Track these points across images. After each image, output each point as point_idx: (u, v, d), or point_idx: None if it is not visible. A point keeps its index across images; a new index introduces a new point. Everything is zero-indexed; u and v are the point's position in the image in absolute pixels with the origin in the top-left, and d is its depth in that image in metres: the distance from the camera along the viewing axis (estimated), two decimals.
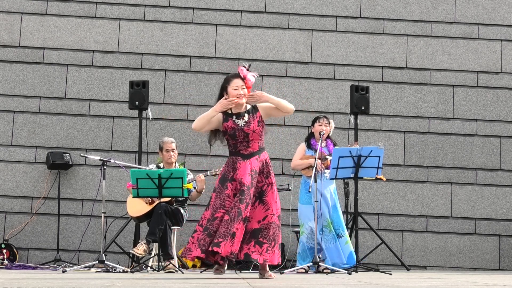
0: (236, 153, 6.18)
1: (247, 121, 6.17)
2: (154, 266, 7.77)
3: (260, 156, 6.18)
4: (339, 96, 10.03)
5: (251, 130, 6.14)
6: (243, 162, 6.12)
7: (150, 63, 9.97)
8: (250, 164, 6.11)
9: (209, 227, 5.99)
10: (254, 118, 6.19)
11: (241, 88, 6.18)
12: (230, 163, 6.18)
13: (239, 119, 6.19)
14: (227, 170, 6.17)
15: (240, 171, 6.10)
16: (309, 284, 5.29)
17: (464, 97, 10.18)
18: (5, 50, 9.88)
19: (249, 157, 6.14)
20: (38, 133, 9.76)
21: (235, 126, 6.16)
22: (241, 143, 6.16)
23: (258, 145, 6.19)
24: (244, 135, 6.14)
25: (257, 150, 6.18)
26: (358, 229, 8.40)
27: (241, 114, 6.21)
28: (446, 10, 10.31)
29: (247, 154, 6.15)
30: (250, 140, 6.15)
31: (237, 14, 10.13)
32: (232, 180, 6.11)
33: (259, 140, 6.19)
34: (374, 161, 7.62)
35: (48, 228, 9.59)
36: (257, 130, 6.16)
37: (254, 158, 6.14)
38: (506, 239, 9.97)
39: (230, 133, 6.17)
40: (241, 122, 6.18)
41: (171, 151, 8.25)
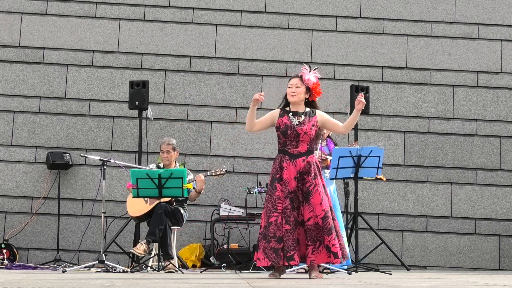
0: (284, 152, 6.22)
1: (301, 121, 6.23)
2: (154, 266, 7.77)
3: (307, 157, 6.20)
4: (339, 96, 10.03)
5: (303, 131, 6.19)
6: (289, 162, 6.17)
7: (150, 63, 9.97)
8: (296, 165, 6.15)
9: (267, 234, 6.06)
10: (309, 120, 6.26)
11: (295, 86, 6.31)
12: (278, 161, 6.23)
13: (295, 117, 6.23)
14: (275, 169, 6.22)
15: (286, 172, 6.15)
16: (309, 284, 5.29)
17: (464, 97, 10.18)
18: (5, 50, 9.88)
19: (296, 157, 6.18)
20: (38, 133, 9.76)
21: (289, 123, 6.23)
22: (291, 142, 6.21)
23: (307, 147, 6.23)
24: (295, 134, 6.19)
25: (305, 152, 6.21)
26: (358, 229, 8.40)
27: (298, 113, 6.29)
28: (446, 10, 10.31)
29: (294, 154, 6.18)
30: (300, 140, 6.20)
31: (237, 14, 10.13)
32: (280, 180, 6.15)
33: (309, 142, 6.23)
34: (374, 161, 7.62)
35: (48, 228, 9.59)
36: (309, 133, 6.21)
37: (300, 159, 6.17)
38: (506, 239, 9.97)
39: (282, 129, 6.22)
40: (295, 120, 6.22)
41: (166, 152, 8.24)
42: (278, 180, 6.16)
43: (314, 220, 6.08)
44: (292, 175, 6.14)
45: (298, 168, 6.15)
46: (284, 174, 6.15)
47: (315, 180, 6.17)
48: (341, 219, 8.14)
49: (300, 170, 6.15)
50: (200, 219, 9.60)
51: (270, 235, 6.05)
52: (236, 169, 9.77)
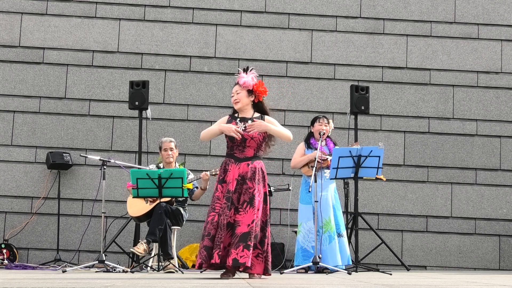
0: (230, 155, 6.26)
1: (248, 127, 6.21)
2: (154, 266, 7.76)
3: (253, 162, 6.19)
4: (339, 96, 10.03)
5: (249, 136, 6.18)
6: (234, 165, 6.19)
7: (150, 63, 9.98)
8: (239, 168, 6.15)
9: (204, 234, 6.09)
10: None
11: (236, 93, 6.33)
12: (223, 164, 6.27)
13: (242, 123, 6.23)
14: (220, 172, 6.26)
15: (230, 174, 6.17)
16: (309, 284, 5.29)
17: (464, 97, 10.18)
18: (5, 50, 9.88)
19: (241, 161, 6.19)
20: (38, 133, 9.76)
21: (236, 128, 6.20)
22: (237, 147, 6.23)
23: (254, 152, 6.22)
24: (242, 139, 6.19)
25: (251, 156, 6.21)
26: (358, 229, 8.40)
27: (246, 119, 6.29)
28: (446, 10, 10.31)
29: (240, 158, 6.20)
30: (246, 145, 6.21)
31: (237, 14, 10.13)
32: (222, 182, 6.19)
33: (255, 148, 6.22)
34: (374, 161, 7.62)
35: (48, 228, 9.59)
36: (256, 139, 6.21)
37: (245, 163, 6.17)
38: (506, 239, 9.97)
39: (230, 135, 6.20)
40: (242, 126, 6.22)
41: (169, 150, 8.26)
42: (220, 181, 6.20)
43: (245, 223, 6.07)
44: (234, 176, 6.15)
45: (241, 171, 6.15)
46: (227, 176, 6.17)
47: (258, 185, 6.15)
48: (341, 219, 8.14)
49: (242, 173, 6.15)
50: (200, 219, 9.59)
51: (205, 233, 6.07)
52: None
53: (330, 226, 7.98)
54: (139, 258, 8.37)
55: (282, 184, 9.38)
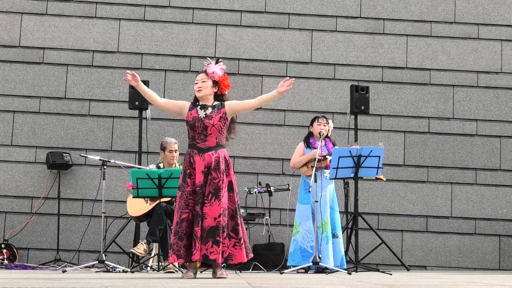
0: (193, 146, 6.21)
1: (208, 114, 6.21)
2: (154, 266, 7.77)
3: (216, 152, 6.17)
4: (339, 96, 10.03)
5: (210, 123, 6.17)
6: (197, 157, 6.15)
7: (150, 63, 9.98)
8: (204, 160, 6.13)
9: (179, 231, 6.04)
10: (217, 113, 6.24)
11: (201, 81, 6.32)
12: (188, 156, 6.21)
13: (202, 110, 6.22)
14: (185, 164, 6.20)
15: (196, 166, 6.13)
16: (309, 284, 5.29)
17: (464, 97, 10.18)
18: (5, 50, 9.88)
19: (204, 152, 6.15)
20: (38, 133, 9.76)
21: (197, 116, 6.20)
22: (199, 136, 6.19)
23: (216, 140, 6.20)
24: (203, 127, 6.18)
25: (214, 146, 6.19)
26: (358, 229, 8.40)
27: (206, 107, 6.27)
28: (446, 10, 10.31)
29: (203, 148, 6.16)
30: (208, 133, 6.18)
31: (237, 14, 10.13)
32: (190, 175, 6.14)
33: (217, 135, 6.20)
34: (374, 161, 7.62)
35: (48, 228, 9.59)
36: (217, 125, 6.19)
37: (209, 154, 6.15)
38: (506, 239, 9.97)
39: (191, 123, 6.21)
40: (202, 113, 6.21)
41: (174, 151, 8.26)
42: (188, 175, 6.14)
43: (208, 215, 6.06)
44: (200, 169, 6.12)
45: (206, 162, 6.13)
46: (194, 168, 6.13)
47: (223, 175, 6.13)
48: (338, 219, 8.13)
49: (208, 164, 6.12)
50: None
51: (183, 232, 6.02)
52: (236, 169, 9.76)
53: (328, 227, 7.98)
54: (139, 258, 8.37)
55: (282, 184, 9.38)
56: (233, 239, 6.12)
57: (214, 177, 6.11)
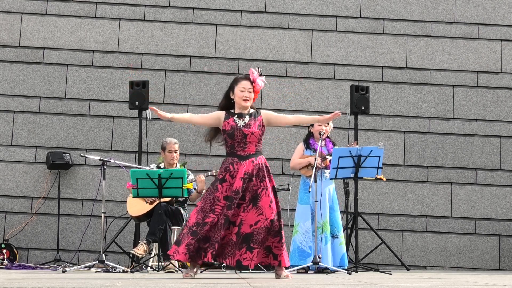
0: (232, 154, 6.15)
1: (247, 123, 6.18)
2: (154, 266, 7.77)
3: (256, 159, 6.15)
4: (339, 96, 10.03)
5: (250, 131, 6.14)
6: (238, 163, 6.11)
7: (150, 63, 9.98)
8: (245, 166, 6.10)
9: (199, 233, 5.97)
10: (255, 121, 6.20)
11: (248, 90, 6.22)
12: (225, 164, 6.16)
13: (240, 119, 6.19)
14: (221, 171, 6.16)
15: (234, 173, 6.08)
16: (309, 284, 5.29)
17: (464, 97, 10.18)
18: (5, 50, 9.88)
19: (245, 159, 6.12)
20: (38, 133, 9.76)
21: (235, 125, 6.16)
22: (239, 144, 6.14)
23: (255, 148, 6.18)
24: (242, 135, 6.14)
25: (254, 153, 6.16)
26: (358, 229, 8.40)
27: (243, 115, 6.22)
28: (446, 10, 10.31)
29: (243, 156, 6.13)
30: (247, 141, 6.14)
31: (237, 14, 10.13)
32: (223, 181, 6.08)
33: (256, 143, 6.18)
34: (374, 161, 7.62)
35: (48, 228, 9.59)
36: (256, 133, 6.15)
37: (249, 161, 6.12)
38: (506, 239, 9.97)
39: (229, 132, 6.15)
40: (240, 122, 6.18)
41: (174, 152, 8.25)
42: (220, 181, 6.10)
43: (263, 223, 6.01)
44: (239, 175, 6.08)
45: (247, 169, 6.10)
46: (233, 174, 6.09)
47: (263, 183, 6.10)
48: (339, 219, 8.12)
49: (248, 171, 6.09)
50: None
51: (202, 235, 5.95)
52: None
53: (327, 227, 7.97)
54: (139, 258, 8.36)
55: (282, 184, 9.37)
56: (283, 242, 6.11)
57: (255, 184, 6.09)
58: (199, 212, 6.04)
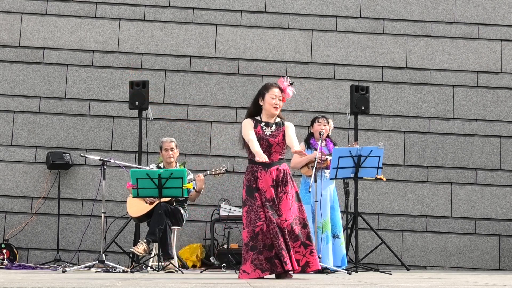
0: (256, 162, 6.13)
1: (272, 132, 6.21)
2: (154, 266, 7.76)
3: (280, 166, 6.20)
4: (339, 96, 10.03)
5: (275, 142, 6.19)
6: (263, 172, 6.15)
7: (150, 63, 9.98)
8: (270, 174, 6.15)
9: (257, 245, 6.01)
10: (279, 131, 6.24)
11: (278, 98, 6.26)
12: (250, 172, 6.20)
13: (267, 128, 6.22)
14: (249, 180, 6.19)
15: (262, 182, 6.13)
16: (309, 284, 5.29)
17: (464, 97, 10.18)
18: (5, 50, 9.88)
19: (269, 167, 6.16)
20: (38, 133, 9.76)
21: (261, 133, 6.19)
22: (263, 152, 6.13)
23: (279, 156, 6.24)
24: (267, 144, 6.18)
25: (277, 161, 6.22)
26: (358, 229, 8.40)
27: (270, 124, 6.26)
28: (446, 10, 10.31)
29: (267, 163, 6.14)
30: (272, 151, 6.19)
31: (237, 14, 10.13)
32: (257, 190, 6.12)
33: (280, 152, 6.24)
34: (374, 161, 7.62)
35: (48, 228, 9.59)
36: (281, 144, 6.21)
37: (274, 168, 6.17)
38: (506, 239, 9.97)
39: None
40: (268, 131, 6.20)
41: (170, 150, 8.25)
42: (255, 190, 6.13)
43: (282, 225, 6.06)
44: (268, 183, 6.13)
45: (273, 176, 6.15)
46: (260, 183, 6.13)
47: (285, 187, 6.15)
48: (339, 219, 8.12)
49: (275, 178, 6.15)
50: (200, 219, 9.60)
51: (260, 245, 6.00)
52: (236, 169, 9.77)
53: (328, 227, 7.97)
54: (139, 258, 8.37)
55: None
56: (309, 246, 6.13)
57: (282, 190, 6.14)
58: (248, 226, 6.08)
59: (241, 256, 6.11)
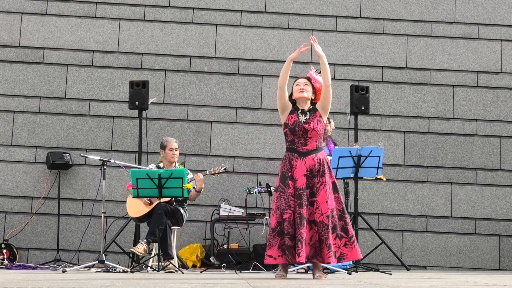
0: (292, 150, 6.19)
1: (308, 119, 6.21)
2: (154, 266, 7.76)
3: (317, 155, 6.18)
4: (339, 96, 10.03)
5: (311, 127, 6.17)
6: (299, 160, 6.14)
7: (150, 63, 9.98)
8: (305, 163, 6.13)
9: (284, 231, 6.00)
10: (314, 116, 6.25)
11: (303, 84, 6.37)
12: (287, 159, 6.20)
13: (302, 115, 6.23)
14: (284, 167, 6.18)
15: (297, 170, 6.12)
16: (309, 284, 5.29)
17: (464, 97, 10.18)
18: (5, 50, 9.88)
19: (305, 155, 6.15)
20: (38, 133, 9.76)
21: (297, 119, 6.21)
22: (299, 140, 6.18)
23: (316, 144, 6.21)
24: (303, 131, 6.17)
25: (314, 149, 6.19)
26: (358, 229, 8.40)
27: (304, 111, 6.28)
28: (446, 10, 10.31)
29: (303, 152, 6.16)
30: (308, 137, 6.18)
31: (237, 14, 10.13)
32: (292, 178, 6.12)
33: (317, 139, 6.22)
34: (374, 161, 7.63)
35: (48, 228, 9.59)
36: (317, 129, 6.19)
37: (310, 157, 6.15)
38: (506, 239, 9.97)
39: (291, 127, 6.20)
40: (302, 118, 6.21)
41: (175, 150, 8.26)
42: (290, 178, 6.12)
43: (318, 218, 6.06)
44: (302, 172, 6.11)
45: (308, 165, 6.13)
46: (295, 172, 6.13)
47: (322, 178, 6.13)
48: None
49: (309, 167, 6.13)
50: (200, 219, 9.60)
51: (285, 232, 6.00)
52: (236, 169, 9.77)
53: None
54: (139, 258, 8.37)
55: None
56: (344, 238, 6.11)
57: (316, 180, 6.11)
58: (277, 212, 6.08)
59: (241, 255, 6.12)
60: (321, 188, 6.10)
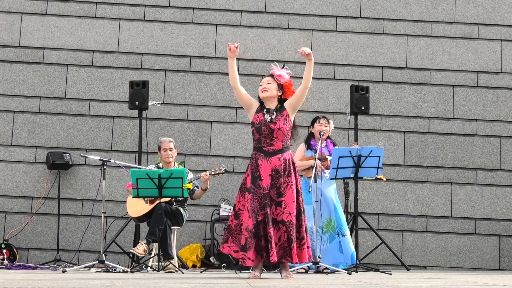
0: (259, 149, 6.20)
1: (273, 118, 6.19)
2: (154, 266, 7.77)
3: (283, 155, 6.17)
4: (339, 96, 10.03)
5: (276, 127, 6.16)
6: (265, 160, 6.14)
7: (150, 63, 9.98)
8: (271, 163, 6.13)
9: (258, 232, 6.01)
10: (281, 116, 6.23)
11: (266, 83, 6.29)
12: (254, 159, 6.20)
13: (267, 114, 6.21)
14: (253, 167, 6.18)
15: (262, 170, 6.12)
16: (309, 284, 5.29)
17: (464, 97, 10.18)
18: (5, 50, 9.88)
19: (271, 155, 6.15)
20: (38, 133, 9.76)
21: (263, 119, 6.18)
22: (265, 139, 6.18)
23: (282, 143, 6.20)
24: (269, 130, 6.16)
25: (280, 149, 6.18)
26: (358, 229, 8.40)
27: (270, 110, 6.26)
28: (446, 10, 10.31)
29: (269, 152, 6.16)
30: (274, 137, 6.17)
31: (237, 14, 10.13)
32: (260, 178, 6.12)
33: (283, 138, 6.20)
34: (374, 161, 7.62)
35: (48, 228, 9.59)
36: (283, 128, 6.18)
37: (276, 157, 6.15)
38: (506, 239, 9.97)
39: (257, 126, 6.20)
40: (268, 117, 6.20)
41: (169, 150, 8.25)
42: (259, 177, 6.12)
43: (286, 218, 6.05)
44: (267, 172, 6.11)
45: (274, 165, 6.12)
46: (261, 171, 6.12)
47: (288, 178, 6.14)
48: (343, 218, 8.13)
49: (275, 167, 6.12)
50: (200, 219, 9.60)
51: (261, 233, 6.01)
52: (236, 169, 9.77)
53: (331, 226, 7.98)
54: (139, 258, 8.37)
55: None
56: (297, 239, 6.13)
57: (284, 181, 6.11)
58: (252, 213, 6.06)
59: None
60: (288, 188, 6.11)
